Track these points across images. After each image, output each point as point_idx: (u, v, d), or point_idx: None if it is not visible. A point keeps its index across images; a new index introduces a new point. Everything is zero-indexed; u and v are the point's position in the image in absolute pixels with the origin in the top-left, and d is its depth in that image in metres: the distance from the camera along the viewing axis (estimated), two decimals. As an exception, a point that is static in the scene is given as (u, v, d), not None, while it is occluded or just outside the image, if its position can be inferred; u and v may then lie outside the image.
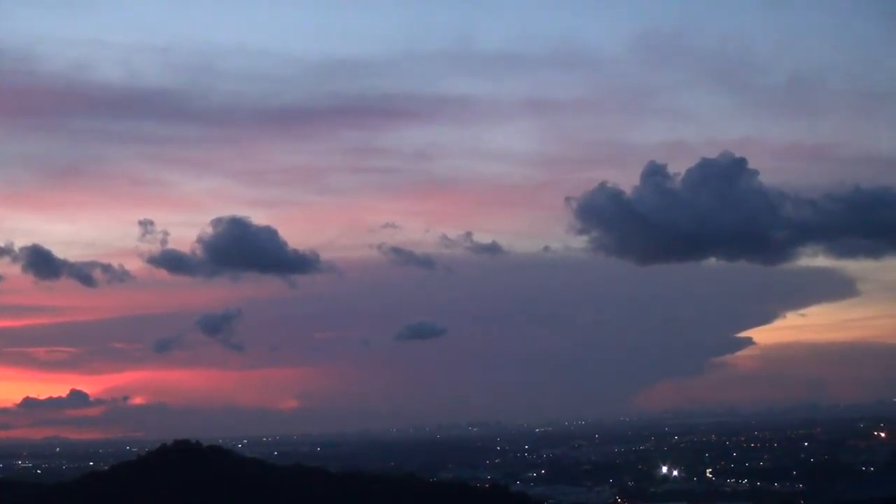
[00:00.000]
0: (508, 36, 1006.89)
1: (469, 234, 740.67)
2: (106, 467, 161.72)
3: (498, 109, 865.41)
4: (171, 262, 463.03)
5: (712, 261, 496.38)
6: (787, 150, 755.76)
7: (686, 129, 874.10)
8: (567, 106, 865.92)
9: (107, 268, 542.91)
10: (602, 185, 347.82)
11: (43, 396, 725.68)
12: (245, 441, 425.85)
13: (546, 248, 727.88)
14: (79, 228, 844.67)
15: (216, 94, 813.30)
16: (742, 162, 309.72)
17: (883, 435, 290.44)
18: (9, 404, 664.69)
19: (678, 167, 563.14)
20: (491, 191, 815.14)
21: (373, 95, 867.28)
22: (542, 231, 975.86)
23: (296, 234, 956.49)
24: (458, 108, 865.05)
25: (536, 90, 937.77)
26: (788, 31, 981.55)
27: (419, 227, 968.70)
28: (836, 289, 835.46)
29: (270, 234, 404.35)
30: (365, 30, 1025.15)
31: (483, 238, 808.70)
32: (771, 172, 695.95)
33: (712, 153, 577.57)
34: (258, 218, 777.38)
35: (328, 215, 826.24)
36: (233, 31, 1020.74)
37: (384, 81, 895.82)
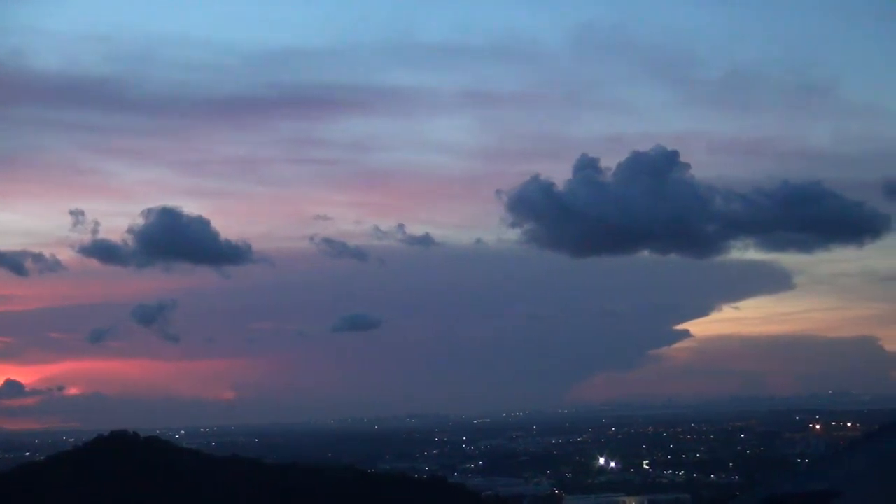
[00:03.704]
0: (448, 27, 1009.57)
1: (402, 226, 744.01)
2: (42, 458, 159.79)
3: (437, 101, 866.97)
4: (102, 252, 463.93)
5: (645, 254, 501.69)
6: (725, 145, 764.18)
7: (625, 123, 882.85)
8: (506, 99, 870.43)
9: (38, 257, 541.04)
10: (534, 178, 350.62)
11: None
12: (182, 431, 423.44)
13: (478, 241, 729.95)
14: (14, 218, 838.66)
15: (154, 84, 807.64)
16: (674, 155, 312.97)
17: (818, 427, 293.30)
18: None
19: (617, 161, 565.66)
20: (428, 183, 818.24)
21: (312, 86, 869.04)
22: (476, 223, 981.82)
23: (233, 225, 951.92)
24: (397, 100, 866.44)
25: (476, 82, 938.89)
26: (728, 25, 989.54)
27: (355, 218, 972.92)
28: (772, 282, 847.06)
29: (202, 224, 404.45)
30: (304, 20, 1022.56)
31: (416, 230, 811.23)
32: (709, 167, 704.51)
33: (652, 147, 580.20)
34: (196, 208, 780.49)
35: (266, 206, 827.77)
36: (172, 20, 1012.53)
37: (323, 72, 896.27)
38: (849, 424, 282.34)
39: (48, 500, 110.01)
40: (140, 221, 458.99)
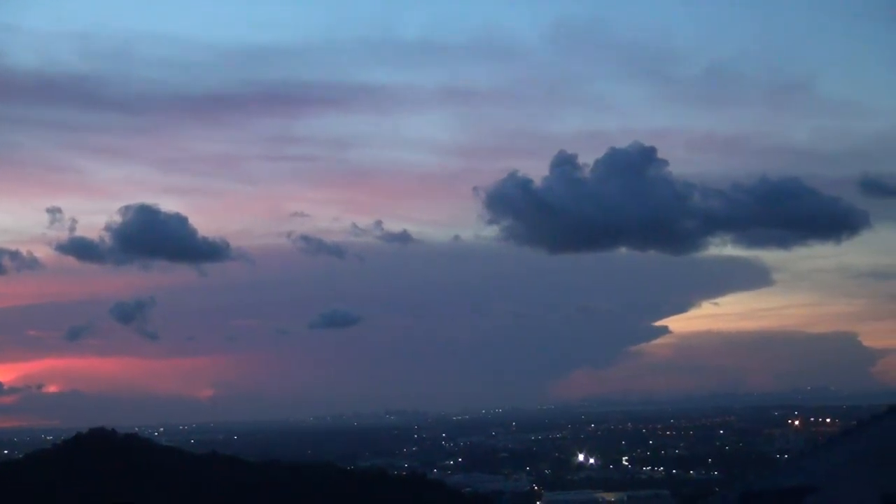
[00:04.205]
0: (427, 24, 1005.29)
1: (379, 223, 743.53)
2: (21, 455, 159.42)
3: (415, 98, 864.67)
4: (80, 249, 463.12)
5: (623, 250, 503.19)
6: (703, 141, 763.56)
7: (603, 120, 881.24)
8: (485, 95, 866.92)
9: (15, 255, 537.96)
10: (512, 175, 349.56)
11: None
12: (161, 429, 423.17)
13: (456, 238, 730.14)
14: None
15: (133, 81, 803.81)
16: (651, 152, 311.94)
17: (797, 423, 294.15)
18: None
19: (595, 157, 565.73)
20: (406, 180, 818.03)
21: (290, 83, 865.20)
22: (453, 220, 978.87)
23: (211, 223, 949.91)
24: (375, 97, 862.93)
25: (454, 79, 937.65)
26: (707, 22, 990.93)
27: (332, 215, 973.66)
28: (751, 278, 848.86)
29: (180, 221, 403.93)
30: (283, 17, 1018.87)
31: (394, 227, 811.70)
32: (687, 163, 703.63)
33: (630, 143, 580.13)
34: (173, 206, 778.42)
35: (244, 203, 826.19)
36: (150, 17, 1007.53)
37: (302, 69, 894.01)
38: (827, 420, 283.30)
39: (28, 497, 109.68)
40: (117, 219, 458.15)
